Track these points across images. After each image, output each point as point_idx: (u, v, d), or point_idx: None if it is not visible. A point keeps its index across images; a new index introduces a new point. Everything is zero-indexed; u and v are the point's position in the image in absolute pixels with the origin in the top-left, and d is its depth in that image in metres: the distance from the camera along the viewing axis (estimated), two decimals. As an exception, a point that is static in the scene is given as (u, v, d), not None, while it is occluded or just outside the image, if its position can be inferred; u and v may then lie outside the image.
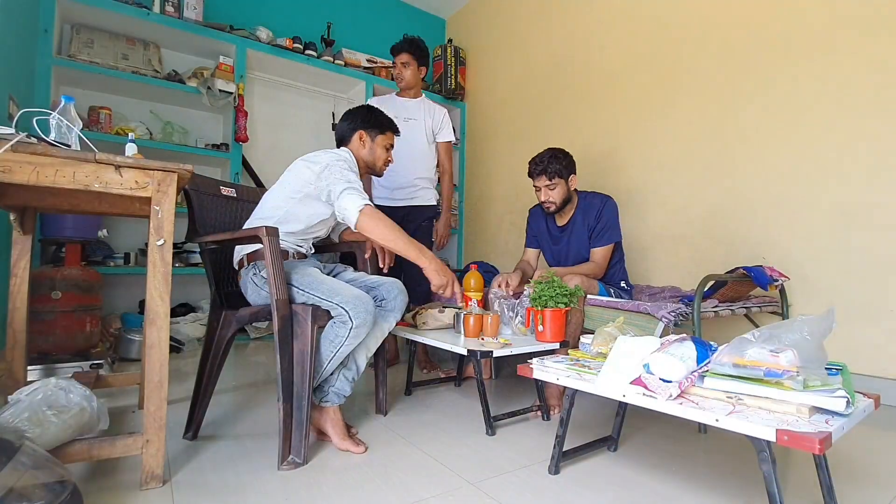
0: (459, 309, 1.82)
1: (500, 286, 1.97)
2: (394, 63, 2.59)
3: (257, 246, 1.53)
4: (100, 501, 1.08)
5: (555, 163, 2.04)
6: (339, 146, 1.76)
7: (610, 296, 2.00)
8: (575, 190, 2.15)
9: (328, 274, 1.69)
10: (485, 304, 2.16)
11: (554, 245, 2.24)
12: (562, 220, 2.20)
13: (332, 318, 1.39)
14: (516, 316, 1.85)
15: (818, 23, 2.13)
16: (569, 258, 2.17)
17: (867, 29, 1.99)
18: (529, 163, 2.13)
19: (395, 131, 1.82)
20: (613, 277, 2.13)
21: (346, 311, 1.36)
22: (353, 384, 1.51)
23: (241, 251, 1.58)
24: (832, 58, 2.08)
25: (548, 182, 2.06)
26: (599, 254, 2.06)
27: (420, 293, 2.24)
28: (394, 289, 1.58)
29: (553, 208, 2.13)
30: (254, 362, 2.60)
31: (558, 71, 3.41)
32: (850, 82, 2.03)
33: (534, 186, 2.14)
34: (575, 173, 2.12)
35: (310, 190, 1.54)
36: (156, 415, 1.14)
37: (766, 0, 2.30)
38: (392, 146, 1.81)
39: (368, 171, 1.79)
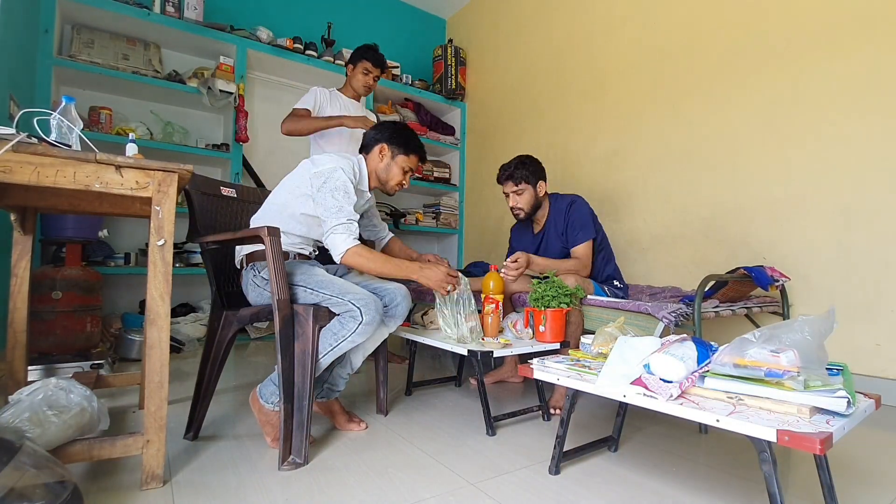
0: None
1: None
2: (367, 71, 2.58)
3: (257, 246, 1.53)
4: (100, 501, 1.08)
5: (521, 168, 2.02)
6: (360, 151, 1.73)
7: (606, 295, 2.00)
8: (547, 195, 2.13)
9: (333, 274, 1.70)
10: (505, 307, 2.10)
11: (533, 252, 2.17)
12: (536, 228, 2.18)
13: (339, 314, 1.39)
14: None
15: (819, 23, 2.13)
16: None
17: (868, 29, 1.99)
18: (499, 169, 2.10)
19: (423, 158, 1.75)
20: (604, 276, 2.12)
21: (357, 307, 1.37)
22: (347, 380, 1.63)
23: (241, 251, 1.59)
24: (833, 58, 2.08)
25: (515, 187, 2.05)
26: (579, 251, 2.02)
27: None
28: (398, 295, 1.58)
29: (522, 215, 2.10)
30: (254, 362, 2.60)
31: (558, 71, 3.41)
32: (850, 83, 2.03)
33: (503, 193, 2.12)
34: (544, 180, 2.09)
35: (310, 193, 1.54)
36: (156, 415, 1.13)
37: (768, 1, 2.30)
38: (412, 171, 1.73)
39: (378, 187, 1.73)
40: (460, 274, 1.65)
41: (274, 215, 1.57)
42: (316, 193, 1.52)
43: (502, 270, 1.87)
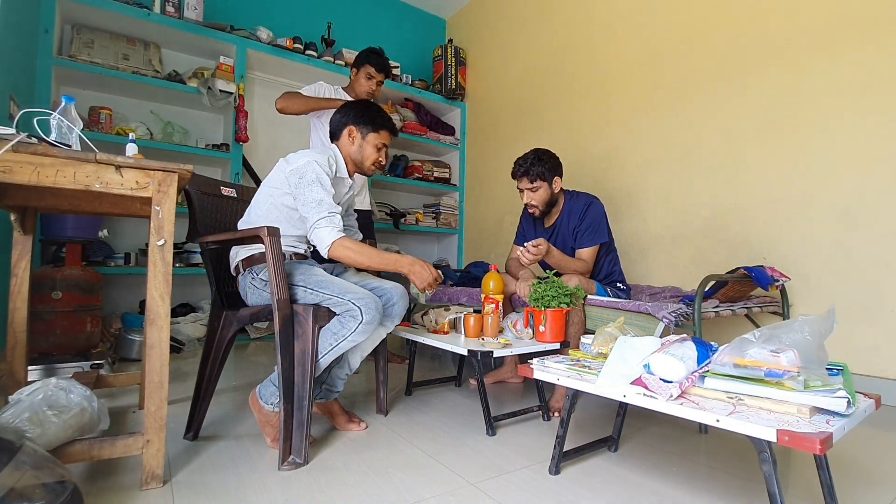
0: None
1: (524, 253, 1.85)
2: (370, 76, 2.54)
3: (252, 250, 1.53)
4: (100, 501, 1.08)
5: (538, 165, 1.98)
6: (331, 139, 1.69)
7: (608, 296, 2.00)
8: (562, 190, 2.10)
9: (331, 273, 1.69)
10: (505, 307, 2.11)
11: None
12: (548, 222, 2.16)
13: (339, 314, 1.39)
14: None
15: (819, 23, 2.13)
16: None
17: (868, 29, 1.98)
18: (514, 163, 2.06)
19: (393, 131, 1.71)
20: (610, 278, 2.12)
21: (358, 307, 1.37)
22: (345, 381, 1.62)
23: (235, 257, 1.57)
24: (833, 58, 2.08)
25: (530, 185, 2.00)
26: (585, 254, 2.01)
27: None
28: (395, 295, 1.57)
29: (537, 212, 2.07)
30: (254, 362, 2.60)
31: (558, 71, 3.41)
32: (850, 83, 2.03)
33: (517, 188, 2.09)
34: (560, 175, 2.05)
35: (290, 191, 1.52)
36: (156, 415, 1.13)
37: (768, 1, 2.30)
38: (386, 146, 1.69)
39: (356, 170, 1.70)
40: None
41: (262, 217, 1.54)
42: (295, 190, 1.50)
43: (520, 251, 1.84)
